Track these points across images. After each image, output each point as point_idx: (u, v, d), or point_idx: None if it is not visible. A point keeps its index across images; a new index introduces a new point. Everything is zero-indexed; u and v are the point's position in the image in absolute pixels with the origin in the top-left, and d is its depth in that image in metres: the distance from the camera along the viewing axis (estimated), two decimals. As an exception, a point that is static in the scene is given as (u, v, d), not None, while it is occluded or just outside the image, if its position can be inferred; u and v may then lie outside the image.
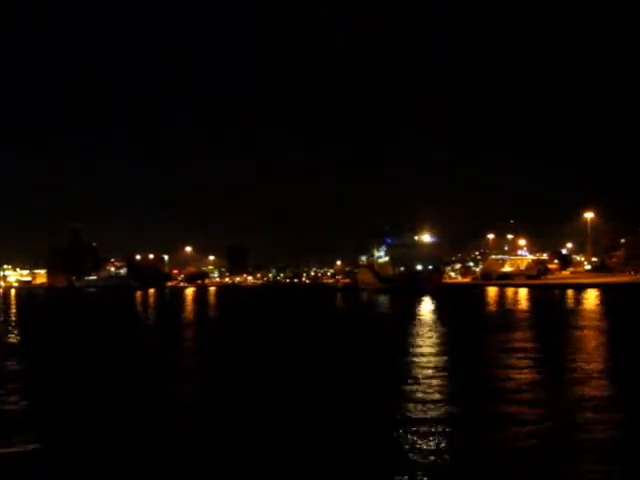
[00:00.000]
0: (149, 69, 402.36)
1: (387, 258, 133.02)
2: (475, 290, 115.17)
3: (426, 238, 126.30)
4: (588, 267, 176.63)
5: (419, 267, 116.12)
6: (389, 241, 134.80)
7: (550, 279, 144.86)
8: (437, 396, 14.57)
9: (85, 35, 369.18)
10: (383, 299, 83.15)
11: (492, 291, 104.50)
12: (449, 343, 26.39)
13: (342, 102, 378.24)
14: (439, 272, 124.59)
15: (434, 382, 16.47)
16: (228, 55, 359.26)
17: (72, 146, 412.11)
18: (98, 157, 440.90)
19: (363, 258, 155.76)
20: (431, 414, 12.69)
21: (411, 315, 45.48)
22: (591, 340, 26.50)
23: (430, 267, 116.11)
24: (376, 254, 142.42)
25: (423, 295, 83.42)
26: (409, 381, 16.63)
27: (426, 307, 58.02)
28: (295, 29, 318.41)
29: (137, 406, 14.50)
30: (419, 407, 13.34)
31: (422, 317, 44.81)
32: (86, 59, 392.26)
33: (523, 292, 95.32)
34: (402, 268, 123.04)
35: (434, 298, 75.19)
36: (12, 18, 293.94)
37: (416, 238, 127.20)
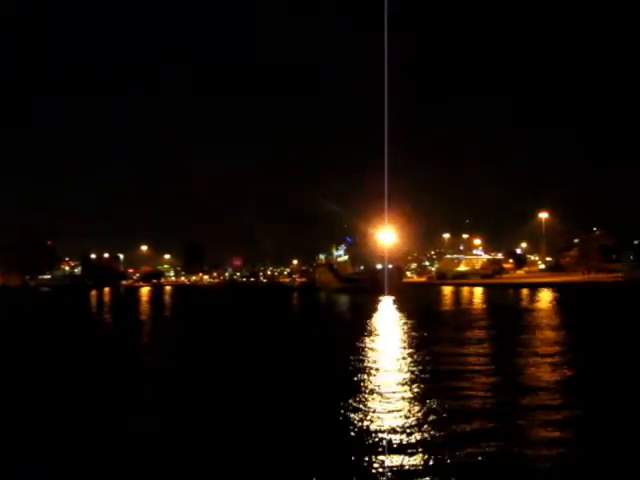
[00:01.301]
0: (149, 69, 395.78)
1: (347, 257, 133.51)
2: (433, 289, 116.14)
3: (386, 237, 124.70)
4: (542, 266, 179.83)
5: (379, 266, 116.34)
6: (349, 240, 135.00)
7: (505, 278, 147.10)
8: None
9: (85, 35, 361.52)
10: (343, 299, 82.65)
11: (449, 290, 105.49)
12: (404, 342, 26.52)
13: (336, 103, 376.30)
14: (400, 271, 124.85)
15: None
16: (228, 56, 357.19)
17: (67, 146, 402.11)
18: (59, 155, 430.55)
19: (322, 257, 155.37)
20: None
21: (372, 315, 45.64)
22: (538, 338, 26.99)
23: (390, 266, 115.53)
24: (335, 253, 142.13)
25: (384, 295, 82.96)
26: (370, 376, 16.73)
27: (387, 307, 57.97)
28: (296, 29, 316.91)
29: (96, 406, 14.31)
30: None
31: (383, 317, 45.16)
32: (87, 59, 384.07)
33: (478, 291, 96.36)
34: (362, 267, 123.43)
35: (395, 298, 74.70)
36: (12, 18, 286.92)
37: (376, 237, 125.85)
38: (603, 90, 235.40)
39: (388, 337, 29.01)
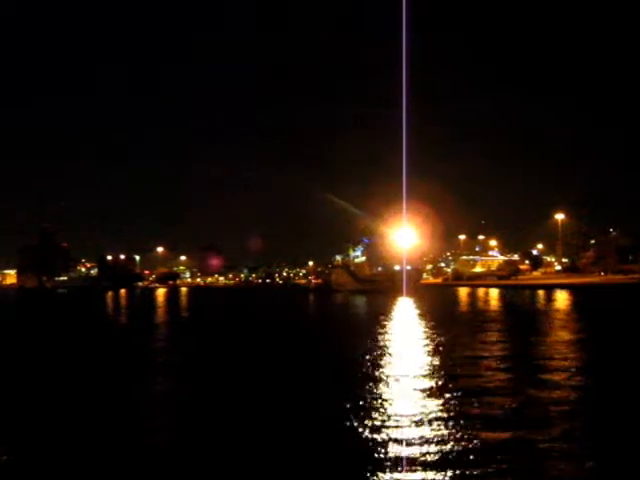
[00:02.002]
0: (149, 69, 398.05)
1: (364, 258, 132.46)
2: (450, 291, 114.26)
3: (404, 237, 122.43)
4: (558, 268, 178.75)
5: (397, 267, 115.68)
6: (366, 240, 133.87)
7: (521, 280, 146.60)
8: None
9: (85, 35, 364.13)
10: (360, 300, 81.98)
11: (466, 292, 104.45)
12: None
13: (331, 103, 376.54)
14: (418, 272, 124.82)
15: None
16: (228, 55, 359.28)
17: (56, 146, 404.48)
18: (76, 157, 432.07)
19: (338, 258, 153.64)
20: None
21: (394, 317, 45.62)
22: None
23: (409, 267, 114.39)
24: (352, 254, 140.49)
25: (402, 296, 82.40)
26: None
27: (408, 308, 57.39)
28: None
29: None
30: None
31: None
32: (86, 59, 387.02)
33: (496, 293, 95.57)
34: (380, 268, 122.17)
35: (414, 299, 73.73)
36: (12, 18, 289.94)
37: (394, 237, 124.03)
38: (624, 91, 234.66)
39: (412, 339, 28.81)
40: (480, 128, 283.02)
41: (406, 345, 26.83)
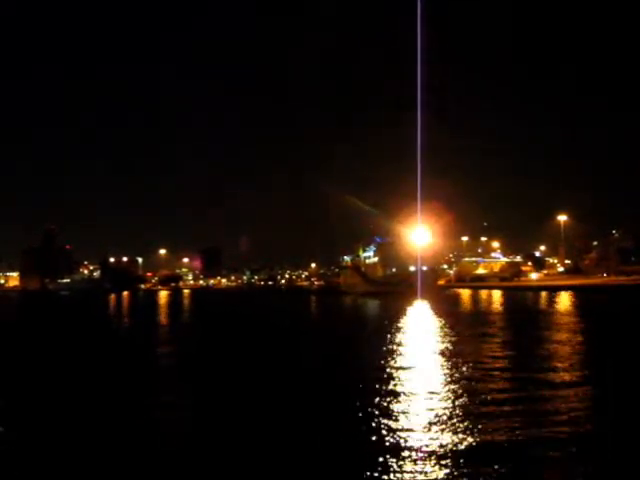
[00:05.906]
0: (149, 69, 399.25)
1: (376, 258, 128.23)
2: (460, 293, 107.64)
3: (420, 237, 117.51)
4: (561, 269, 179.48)
5: (412, 268, 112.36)
6: (379, 240, 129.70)
7: (523, 281, 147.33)
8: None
9: (84, 34, 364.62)
10: (373, 303, 79.65)
11: (475, 294, 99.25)
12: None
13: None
14: (435, 273, 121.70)
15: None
16: (229, 55, 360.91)
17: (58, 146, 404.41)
18: (77, 157, 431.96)
19: (347, 258, 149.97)
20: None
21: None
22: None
23: (425, 268, 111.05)
24: (363, 254, 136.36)
25: (417, 298, 79.89)
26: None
27: (425, 312, 55.53)
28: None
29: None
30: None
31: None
32: (86, 60, 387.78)
33: (501, 295, 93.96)
34: (394, 269, 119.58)
35: (430, 302, 70.18)
36: (12, 18, 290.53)
37: (410, 237, 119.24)
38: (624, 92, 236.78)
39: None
40: (483, 128, 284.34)
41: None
